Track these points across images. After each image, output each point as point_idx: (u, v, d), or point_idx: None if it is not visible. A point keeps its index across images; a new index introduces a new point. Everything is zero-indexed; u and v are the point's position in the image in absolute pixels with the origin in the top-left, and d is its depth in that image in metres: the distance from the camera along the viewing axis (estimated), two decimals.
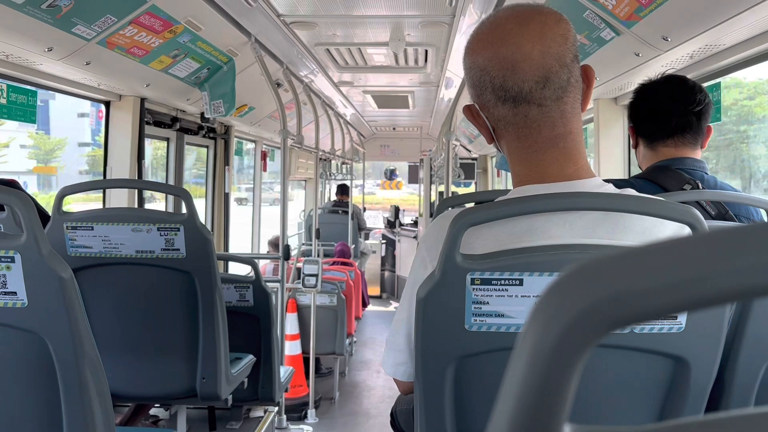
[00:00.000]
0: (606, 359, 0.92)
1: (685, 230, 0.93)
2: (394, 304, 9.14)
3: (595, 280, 0.24)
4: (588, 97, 1.02)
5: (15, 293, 1.28)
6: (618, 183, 1.06)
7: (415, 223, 9.74)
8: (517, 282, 0.91)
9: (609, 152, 3.16)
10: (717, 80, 2.34)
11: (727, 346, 0.99)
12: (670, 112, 1.71)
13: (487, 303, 0.92)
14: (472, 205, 1.13)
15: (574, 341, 0.23)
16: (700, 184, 1.66)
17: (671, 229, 0.95)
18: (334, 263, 6.55)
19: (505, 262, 0.91)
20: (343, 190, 8.54)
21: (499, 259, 0.92)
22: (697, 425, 0.25)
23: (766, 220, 1.61)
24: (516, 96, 0.96)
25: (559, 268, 0.91)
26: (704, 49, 2.09)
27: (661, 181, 1.68)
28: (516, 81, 0.95)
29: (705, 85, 2.39)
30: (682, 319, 0.91)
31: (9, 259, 1.27)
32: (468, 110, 1.06)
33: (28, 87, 2.67)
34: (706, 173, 1.72)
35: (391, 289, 9.68)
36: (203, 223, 2.07)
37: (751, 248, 0.23)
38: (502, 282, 0.92)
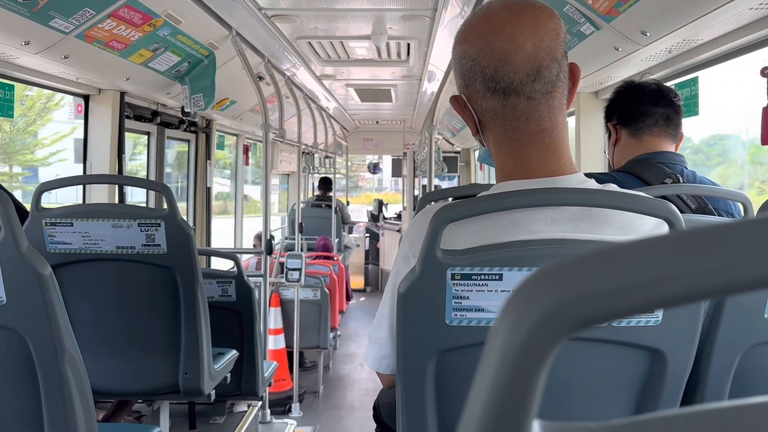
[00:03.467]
0: (582, 352, 0.93)
1: (664, 225, 0.94)
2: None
3: (563, 279, 0.24)
4: (573, 95, 1.03)
5: None
6: (600, 177, 1.07)
7: (399, 217, 9.75)
8: (497, 277, 0.92)
9: (589, 145, 3.18)
10: (695, 74, 2.37)
11: (703, 337, 1.00)
12: (656, 101, 1.78)
13: (468, 298, 0.93)
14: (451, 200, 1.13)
15: (541, 339, 0.24)
16: (680, 178, 1.68)
17: (651, 224, 0.96)
18: (317, 257, 6.54)
19: (485, 258, 0.92)
20: (324, 184, 8.42)
21: (479, 255, 0.92)
22: (660, 421, 0.25)
23: (743, 213, 1.64)
24: (506, 87, 0.96)
25: (539, 263, 0.91)
26: (682, 43, 2.11)
27: (643, 174, 1.70)
28: (507, 72, 0.95)
29: (683, 79, 2.43)
30: (659, 311, 0.92)
31: None
32: (455, 101, 1.06)
33: (5, 81, 2.63)
34: (686, 167, 1.74)
35: (374, 283, 9.70)
36: (184, 218, 2.06)
37: (717, 248, 0.24)
38: (482, 277, 0.92)
